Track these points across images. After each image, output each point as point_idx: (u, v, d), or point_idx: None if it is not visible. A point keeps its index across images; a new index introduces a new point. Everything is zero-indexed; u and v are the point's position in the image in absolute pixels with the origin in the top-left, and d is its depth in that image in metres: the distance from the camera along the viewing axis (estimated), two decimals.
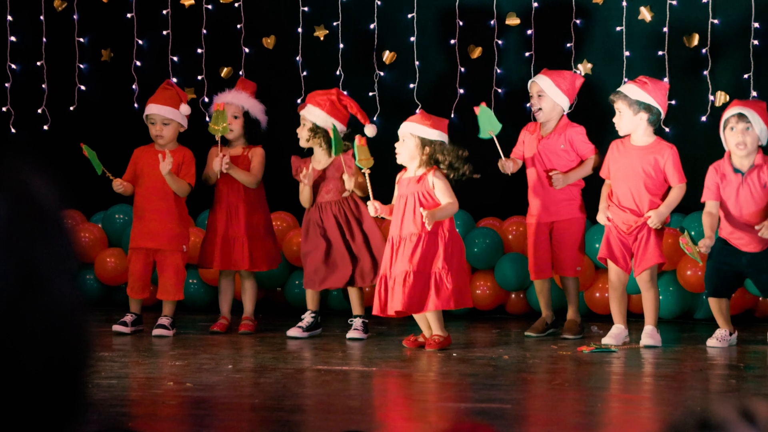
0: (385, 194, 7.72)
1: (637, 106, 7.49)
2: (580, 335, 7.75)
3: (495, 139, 7.69)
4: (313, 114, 7.82)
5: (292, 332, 7.84)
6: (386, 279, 7.33)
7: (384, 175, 7.89)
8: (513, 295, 8.82)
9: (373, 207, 7.40)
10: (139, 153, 8.12)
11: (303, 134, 7.87)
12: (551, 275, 7.93)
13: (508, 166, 7.77)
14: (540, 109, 7.86)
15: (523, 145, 7.95)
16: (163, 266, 8.01)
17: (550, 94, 7.82)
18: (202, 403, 5.65)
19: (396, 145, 7.48)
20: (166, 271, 8.00)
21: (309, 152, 8.09)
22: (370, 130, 7.67)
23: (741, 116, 7.31)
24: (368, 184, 7.46)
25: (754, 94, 8.59)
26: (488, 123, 7.72)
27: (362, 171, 7.51)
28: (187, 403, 5.65)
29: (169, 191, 7.91)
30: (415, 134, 7.37)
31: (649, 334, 7.43)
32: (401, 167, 7.56)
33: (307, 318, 7.93)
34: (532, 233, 7.92)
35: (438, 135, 7.38)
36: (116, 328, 7.90)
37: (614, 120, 7.61)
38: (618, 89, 7.65)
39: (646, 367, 6.87)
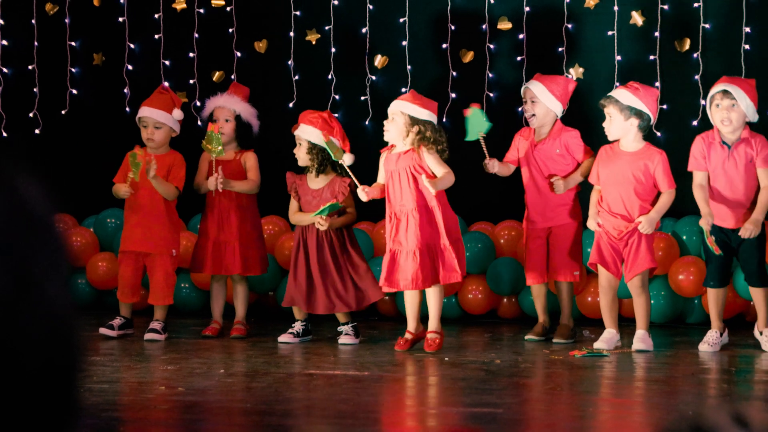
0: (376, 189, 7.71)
1: (628, 111, 7.49)
2: (572, 340, 7.77)
3: (482, 139, 7.69)
4: (307, 132, 7.80)
5: (284, 338, 7.83)
6: (393, 253, 7.40)
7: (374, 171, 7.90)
8: (505, 300, 8.82)
9: (363, 192, 7.44)
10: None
11: (301, 155, 7.85)
12: (547, 280, 7.94)
13: (492, 165, 7.77)
14: (533, 115, 7.88)
15: (517, 151, 7.96)
16: (152, 270, 8.00)
17: (543, 100, 7.83)
18: (193, 408, 5.65)
19: (385, 122, 7.51)
20: (156, 275, 8.00)
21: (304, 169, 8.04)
22: (348, 158, 7.64)
23: (726, 93, 7.32)
24: (350, 173, 7.53)
25: None
26: (478, 124, 7.72)
27: (340, 162, 7.56)
28: (178, 407, 5.64)
29: (158, 195, 7.90)
30: (405, 112, 7.42)
31: (641, 339, 7.44)
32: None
33: (297, 326, 7.91)
34: (528, 238, 7.94)
35: (427, 115, 7.46)
36: (103, 331, 7.89)
37: (604, 125, 7.61)
38: (609, 94, 7.65)
39: (637, 372, 6.87)
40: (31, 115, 9.74)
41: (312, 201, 7.83)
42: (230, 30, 9.44)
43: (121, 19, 9.58)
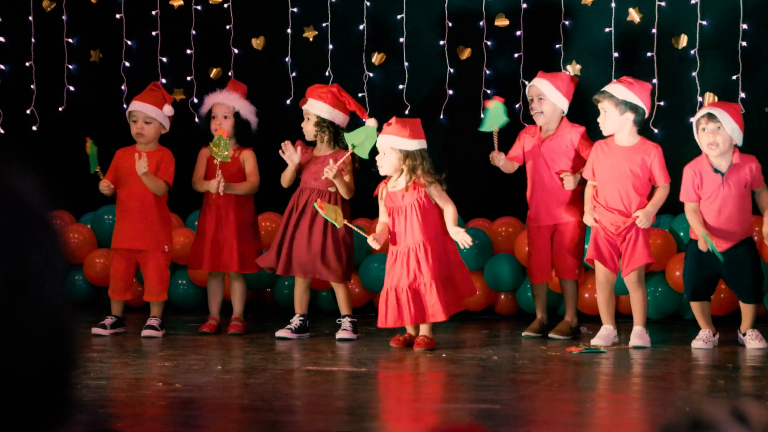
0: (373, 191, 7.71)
1: (623, 106, 7.49)
2: (569, 337, 7.74)
3: (496, 133, 7.70)
4: (316, 107, 7.86)
5: (281, 333, 7.84)
6: (397, 292, 7.36)
7: (373, 174, 7.90)
8: (502, 296, 8.82)
9: (374, 241, 7.41)
10: (120, 154, 8.10)
11: (308, 129, 7.90)
12: (551, 278, 7.94)
13: (498, 159, 7.77)
14: (541, 112, 7.84)
15: (523, 148, 7.94)
16: (145, 267, 8.01)
17: (551, 97, 7.81)
18: (191, 404, 5.65)
19: (377, 158, 7.48)
20: (149, 272, 8.00)
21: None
22: (372, 123, 7.67)
23: (711, 116, 7.29)
24: (354, 227, 7.60)
25: (743, 95, 8.61)
26: (496, 117, 7.70)
27: (338, 227, 7.55)
28: (176, 404, 5.64)
29: (149, 192, 7.90)
30: (395, 147, 7.38)
31: (638, 335, 7.44)
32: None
33: (296, 321, 7.92)
34: (533, 236, 7.92)
35: (418, 144, 7.42)
36: (95, 330, 7.89)
37: (599, 120, 7.61)
38: (603, 89, 7.62)
39: (635, 368, 6.88)
40: (28, 111, 9.73)
41: (310, 166, 7.86)
42: (227, 27, 9.44)
43: (118, 16, 9.58)
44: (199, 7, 9.48)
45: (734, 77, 8.65)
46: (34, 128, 9.73)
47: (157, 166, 7.93)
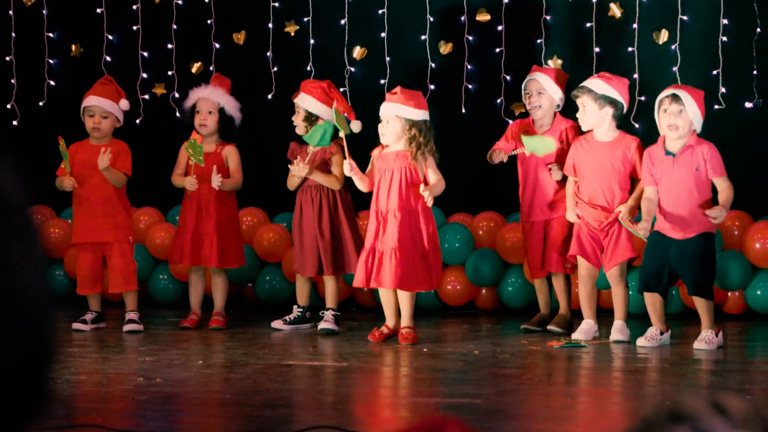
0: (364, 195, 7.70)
1: (602, 100, 7.48)
2: (566, 331, 7.71)
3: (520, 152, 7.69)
4: (306, 101, 7.90)
5: (276, 324, 7.99)
6: (374, 251, 7.41)
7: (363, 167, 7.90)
8: (484, 291, 8.84)
9: (349, 164, 7.44)
10: (75, 149, 8.08)
11: (298, 122, 7.94)
12: (545, 274, 7.92)
13: (499, 155, 7.68)
14: (539, 106, 7.78)
15: (515, 144, 7.81)
16: (111, 259, 8.00)
17: (550, 92, 7.77)
18: (172, 399, 5.64)
19: (380, 126, 7.49)
20: (115, 263, 7.99)
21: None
22: (356, 126, 7.68)
23: (675, 97, 7.17)
24: (345, 146, 7.53)
25: (723, 90, 8.64)
26: (537, 147, 7.59)
27: (340, 136, 7.55)
28: (156, 398, 5.64)
29: (109, 185, 7.90)
30: (400, 116, 7.40)
31: (619, 329, 7.46)
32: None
33: (294, 312, 8.01)
34: (529, 233, 7.88)
35: (422, 114, 7.48)
36: (76, 326, 7.88)
37: (578, 115, 7.59)
38: (582, 84, 7.59)
39: (615, 362, 6.89)
40: (8, 106, 9.71)
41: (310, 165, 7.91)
42: (209, 21, 9.42)
43: (99, 11, 9.56)
44: (180, 2, 9.47)
45: (715, 72, 8.67)
46: (14, 123, 9.70)
47: (115, 158, 7.93)
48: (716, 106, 8.64)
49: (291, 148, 8.05)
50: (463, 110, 9.04)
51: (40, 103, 9.67)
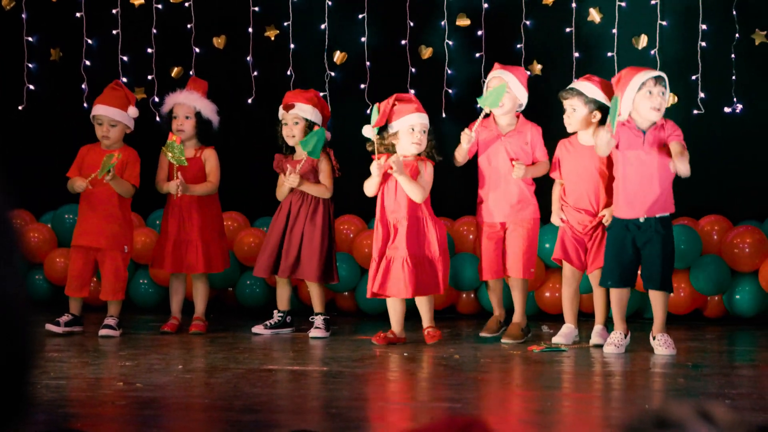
0: (356, 193, 7.70)
1: (592, 104, 7.45)
2: (522, 340, 7.67)
3: (484, 114, 7.60)
4: (306, 111, 7.88)
5: (256, 329, 8.00)
6: (385, 260, 7.48)
7: (342, 172, 7.90)
8: (464, 295, 8.84)
9: (377, 165, 7.45)
10: (85, 151, 8.06)
11: (296, 133, 7.88)
12: (503, 275, 7.85)
13: (470, 138, 7.57)
14: (501, 105, 7.61)
15: (477, 142, 7.70)
16: (103, 266, 7.98)
17: (514, 90, 7.62)
18: (152, 404, 5.63)
19: (420, 136, 7.48)
20: (106, 271, 7.97)
21: (286, 150, 8.04)
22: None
23: (659, 79, 7.11)
24: (376, 148, 7.52)
25: (702, 95, 8.67)
26: (494, 98, 7.54)
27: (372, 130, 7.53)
28: (136, 403, 5.62)
29: (113, 191, 7.87)
30: (426, 124, 7.55)
31: (599, 333, 7.47)
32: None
33: (275, 317, 8.02)
34: (485, 233, 7.77)
35: (427, 119, 7.60)
36: (48, 327, 7.84)
37: (565, 117, 7.53)
38: (572, 86, 7.54)
39: (595, 366, 6.90)
40: None
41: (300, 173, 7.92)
42: (188, 26, 9.41)
43: (78, 15, 9.53)
44: (160, 6, 9.45)
45: (694, 77, 8.70)
46: None
47: (123, 167, 7.90)
48: (695, 111, 8.67)
49: (277, 160, 8.02)
50: (444, 115, 9.05)
51: (20, 108, 9.64)
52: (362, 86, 9.17)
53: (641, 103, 7.10)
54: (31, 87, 9.65)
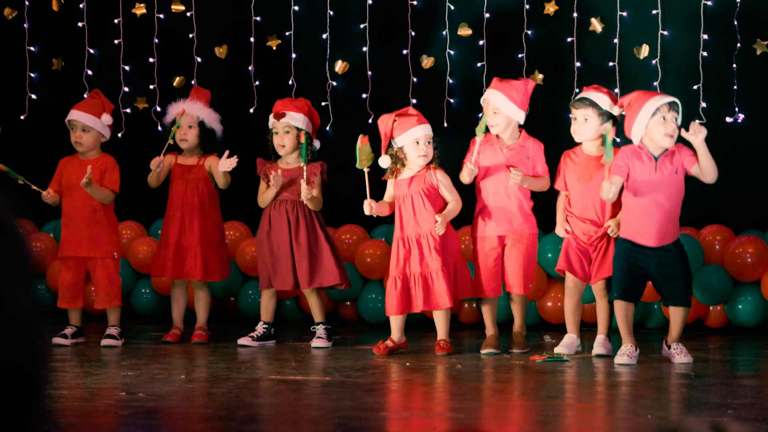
0: (348, 201, 7.70)
1: (605, 116, 7.43)
2: (528, 348, 7.70)
3: (477, 144, 7.60)
4: (297, 119, 7.87)
5: (242, 341, 7.90)
6: (403, 277, 7.47)
7: (343, 181, 7.90)
8: (466, 305, 8.84)
9: (369, 206, 7.44)
10: (64, 163, 8.09)
11: (287, 142, 7.87)
12: (503, 292, 7.79)
13: (470, 171, 7.57)
14: (495, 125, 7.60)
15: (479, 155, 7.68)
16: (95, 275, 7.99)
17: (505, 111, 7.56)
18: (154, 414, 5.63)
19: (426, 148, 7.50)
20: (99, 279, 7.98)
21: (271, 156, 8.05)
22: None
23: (673, 105, 7.04)
24: (367, 183, 7.47)
25: (704, 105, 8.68)
26: (479, 129, 7.52)
27: (364, 171, 7.48)
28: (139, 413, 5.62)
29: (94, 200, 7.88)
30: (429, 135, 7.57)
31: (601, 344, 7.46)
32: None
33: (259, 329, 7.96)
34: (483, 249, 7.72)
35: (429, 129, 7.63)
36: (56, 340, 7.85)
37: (575, 126, 7.47)
38: (586, 96, 7.46)
39: (598, 376, 6.90)
40: None
41: (284, 183, 7.88)
42: (190, 35, 9.42)
43: (80, 24, 9.54)
44: (161, 16, 9.46)
45: (695, 87, 8.71)
46: None
47: (102, 174, 7.92)
48: (697, 121, 8.67)
49: (259, 164, 8.01)
50: (445, 124, 9.05)
51: (22, 117, 9.65)
52: (364, 96, 9.18)
53: (655, 129, 7.02)
54: (33, 96, 9.66)
